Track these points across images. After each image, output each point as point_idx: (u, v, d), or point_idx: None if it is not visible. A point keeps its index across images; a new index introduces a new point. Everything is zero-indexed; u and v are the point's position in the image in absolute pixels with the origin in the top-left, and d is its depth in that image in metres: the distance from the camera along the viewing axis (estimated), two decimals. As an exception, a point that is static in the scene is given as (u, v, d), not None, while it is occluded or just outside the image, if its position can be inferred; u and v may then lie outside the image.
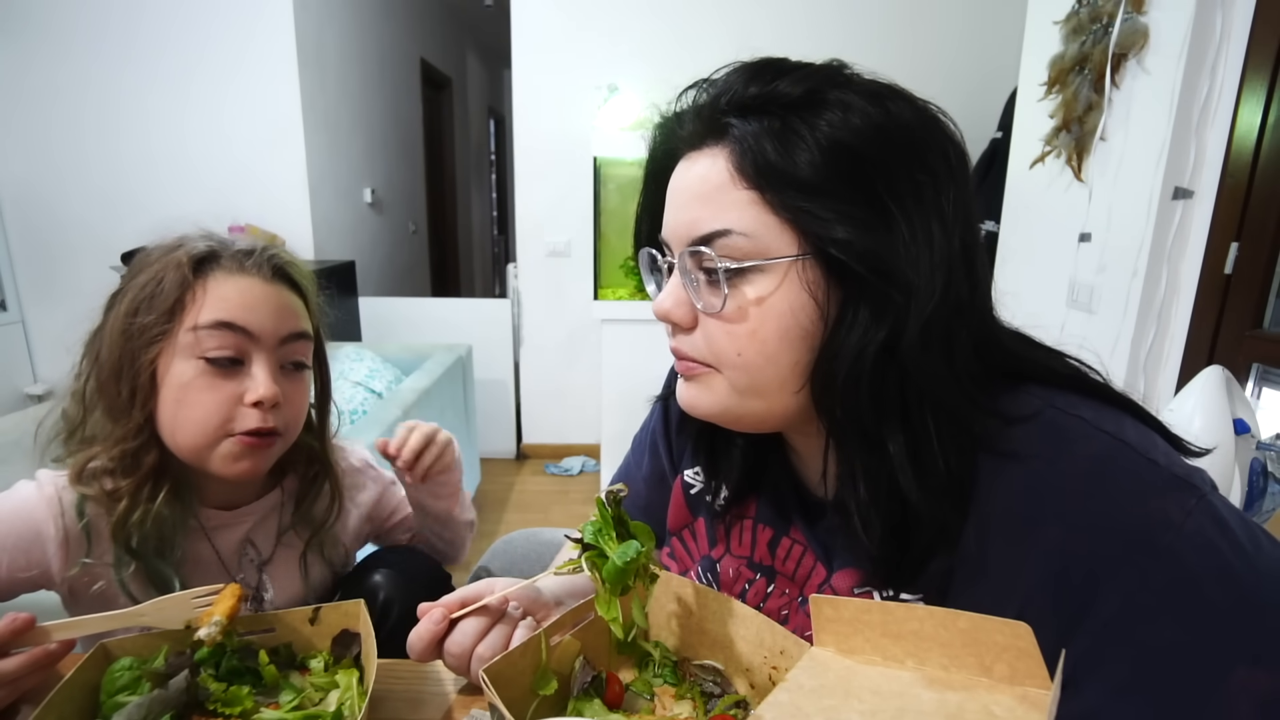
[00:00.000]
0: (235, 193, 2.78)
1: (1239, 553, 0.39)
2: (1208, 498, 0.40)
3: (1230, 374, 1.15)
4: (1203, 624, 0.39)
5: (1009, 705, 0.38)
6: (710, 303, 0.47)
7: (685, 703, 0.54)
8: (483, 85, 6.26)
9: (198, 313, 0.63)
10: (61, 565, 0.64)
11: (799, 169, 0.43)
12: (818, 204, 0.43)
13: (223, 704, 0.52)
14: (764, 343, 0.46)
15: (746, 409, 0.49)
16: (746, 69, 0.48)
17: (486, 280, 6.85)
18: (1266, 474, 1.11)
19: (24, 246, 2.78)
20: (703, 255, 0.47)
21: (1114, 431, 0.43)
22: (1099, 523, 0.41)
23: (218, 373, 0.63)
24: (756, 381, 0.47)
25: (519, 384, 3.18)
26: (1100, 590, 0.40)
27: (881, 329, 0.44)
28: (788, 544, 0.58)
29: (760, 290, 0.45)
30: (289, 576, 0.76)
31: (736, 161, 0.45)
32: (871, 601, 0.46)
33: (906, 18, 2.74)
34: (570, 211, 2.95)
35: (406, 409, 1.77)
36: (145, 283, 0.64)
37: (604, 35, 2.81)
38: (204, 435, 0.64)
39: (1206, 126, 1.42)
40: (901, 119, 0.45)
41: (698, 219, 0.47)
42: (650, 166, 0.55)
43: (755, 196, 0.45)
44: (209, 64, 2.68)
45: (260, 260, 0.67)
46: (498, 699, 0.44)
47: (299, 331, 0.69)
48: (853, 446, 0.47)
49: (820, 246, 0.44)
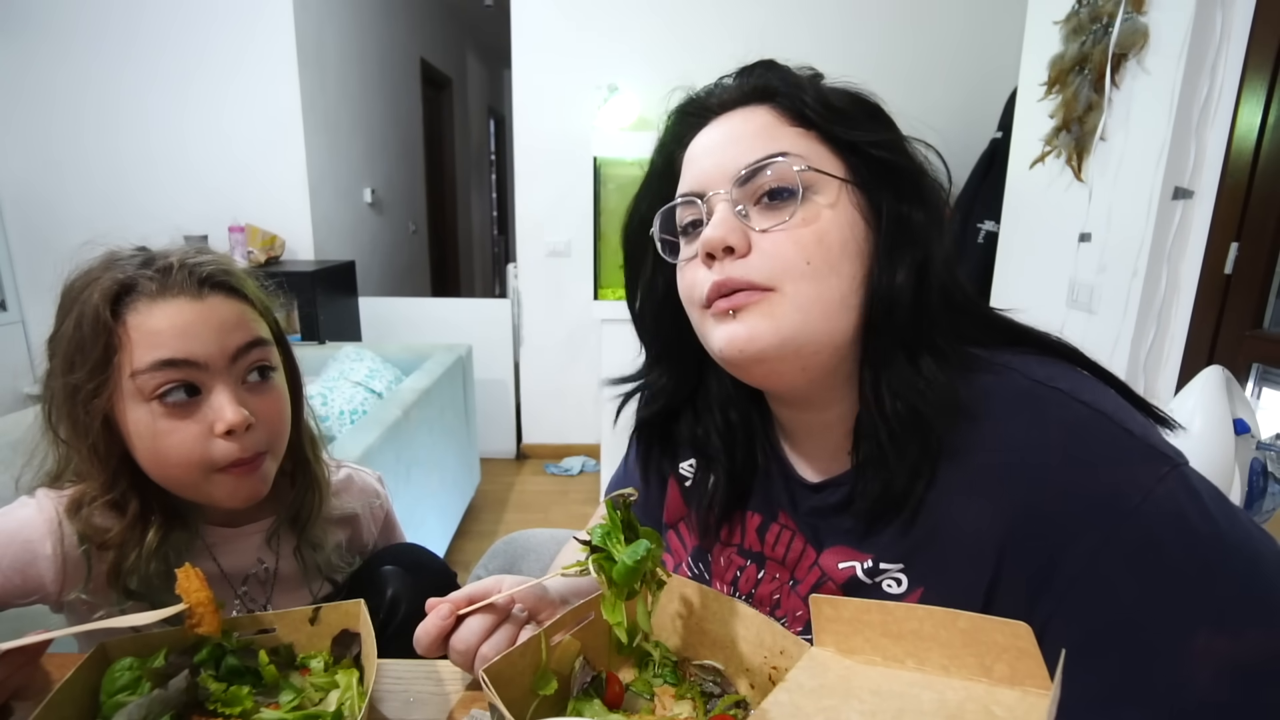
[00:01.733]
0: (235, 193, 2.78)
1: (1207, 520, 0.39)
2: (1181, 468, 0.41)
3: (1230, 374, 1.16)
4: (1165, 588, 0.39)
5: (1009, 705, 0.38)
6: (775, 218, 0.48)
7: (685, 703, 0.54)
8: (483, 85, 6.26)
9: (131, 357, 0.57)
10: (58, 588, 0.61)
11: (839, 107, 0.50)
12: (860, 131, 0.50)
13: (223, 704, 0.52)
14: (829, 249, 0.48)
15: (811, 332, 0.48)
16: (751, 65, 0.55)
17: (486, 280, 6.85)
18: (1266, 474, 1.11)
19: (24, 246, 2.78)
20: (768, 169, 0.48)
21: (1090, 401, 0.44)
22: (1070, 486, 0.42)
23: (175, 411, 0.58)
24: (823, 294, 0.48)
25: (519, 384, 3.18)
26: (1067, 551, 0.41)
27: (919, 249, 0.48)
28: (776, 529, 0.58)
29: (823, 201, 0.48)
30: (293, 595, 0.74)
31: (783, 107, 0.51)
32: (871, 601, 0.46)
33: (907, 18, 2.74)
34: (570, 211, 2.95)
35: (406, 409, 1.77)
36: (70, 331, 0.58)
37: (604, 35, 2.81)
38: (189, 475, 0.60)
39: (1206, 126, 1.42)
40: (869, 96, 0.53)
41: (748, 150, 0.49)
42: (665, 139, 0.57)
43: (803, 132, 0.50)
44: (209, 64, 2.68)
45: (183, 276, 0.60)
46: (498, 699, 0.44)
47: (249, 341, 0.62)
48: (893, 365, 0.48)
49: (865, 172, 0.50)
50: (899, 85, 3.35)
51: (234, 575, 0.70)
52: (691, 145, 0.54)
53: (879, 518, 0.50)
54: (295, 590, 0.75)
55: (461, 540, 2.38)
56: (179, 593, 0.54)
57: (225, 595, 0.69)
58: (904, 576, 0.50)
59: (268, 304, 0.68)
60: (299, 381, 0.72)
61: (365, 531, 0.83)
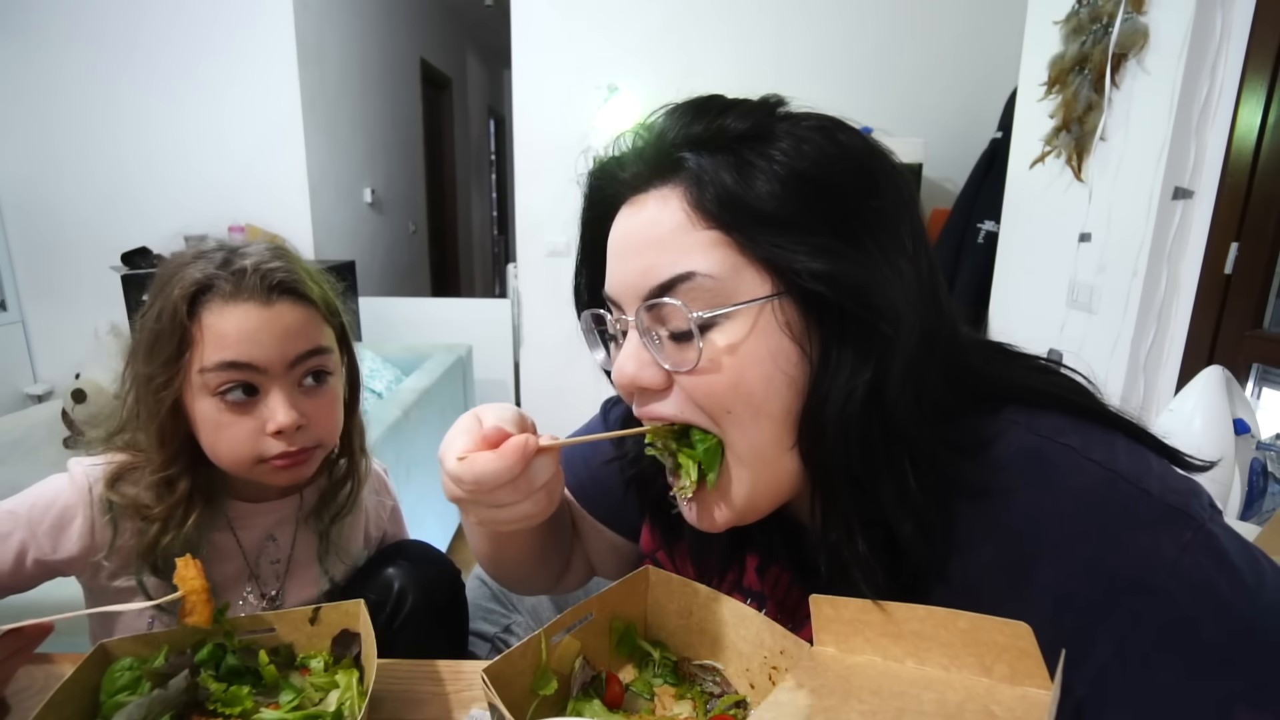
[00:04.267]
0: (235, 193, 2.78)
1: (1238, 588, 0.37)
2: (1206, 527, 0.38)
3: (1230, 374, 1.16)
4: (1201, 666, 0.37)
5: (1009, 705, 0.38)
6: (681, 359, 0.43)
7: (685, 703, 0.54)
8: (483, 85, 6.26)
9: (201, 354, 0.63)
10: (85, 551, 0.66)
11: (763, 201, 0.41)
12: (788, 238, 0.41)
13: (223, 704, 0.52)
14: (749, 394, 0.42)
15: (763, 489, 0.45)
16: (686, 108, 0.45)
17: (486, 280, 6.85)
18: (1266, 474, 1.11)
19: (24, 246, 2.78)
20: (665, 306, 0.43)
21: (1103, 460, 0.41)
22: (1091, 564, 0.39)
23: (235, 408, 0.64)
24: (755, 442, 0.43)
25: (519, 384, 3.18)
26: (1096, 634, 0.39)
27: (868, 368, 0.41)
28: (776, 571, 0.57)
29: (733, 337, 0.42)
30: (308, 576, 0.77)
31: (694, 198, 0.42)
32: (871, 602, 0.46)
33: (907, 18, 2.74)
34: (570, 211, 2.91)
35: (406, 409, 1.77)
36: (153, 319, 0.64)
37: (604, 35, 2.81)
38: (240, 464, 0.66)
39: (1206, 126, 1.42)
40: (851, 148, 0.43)
41: (653, 266, 0.43)
42: (587, 216, 0.51)
43: (718, 236, 0.42)
44: (209, 64, 2.68)
45: (255, 281, 0.64)
46: (498, 699, 0.44)
47: (309, 350, 0.67)
48: (843, 498, 0.44)
49: (796, 282, 0.41)
50: (899, 85, 3.31)
51: (250, 550, 0.74)
52: (613, 226, 0.48)
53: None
54: (308, 572, 0.77)
55: (461, 540, 2.38)
56: (176, 581, 0.54)
57: (239, 571, 0.73)
58: None
59: (335, 306, 0.72)
60: (357, 379, 0.78)
61: (374, 522, 0.86)
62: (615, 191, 0.48)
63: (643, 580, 0.59)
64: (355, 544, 0.81)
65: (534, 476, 0.45)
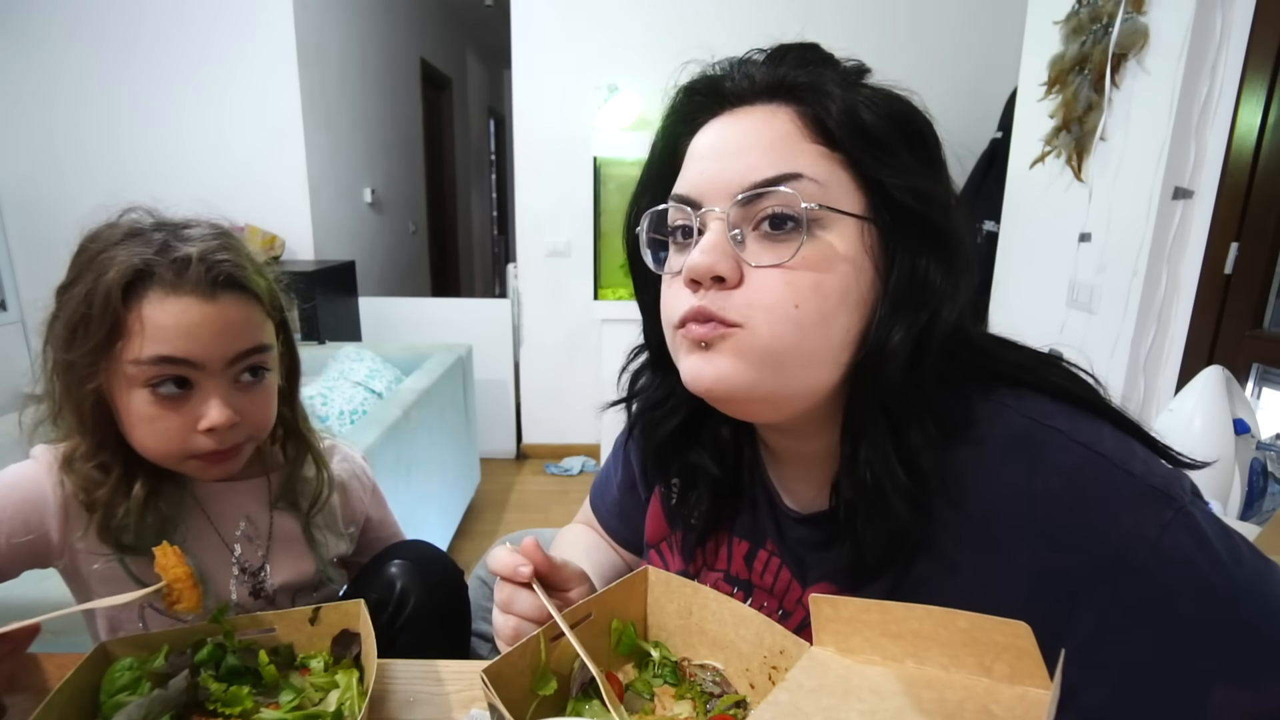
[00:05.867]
0: (235, 193, 2.78)
1: (1217, 567, 0.38)
2: (1186, 509, 0.39)
3: (1230, 374, 1.16)
4: (1179, 642, 0.38)
5: (1009, 705, 0.38)
6: (771, 253, 0.43)
7: (685, 703, 0.54)
8: (483, 85, 6.26)
9: (134, 345, 0.59)
10: (61, 533, 0.64)
11: (868, 125, 0.43)
12: (890, 161, 0.43)
13: (223, 704, 0.52)
14: (825, 298, 0.43)
15: (784, 380, 0.44)
16: (788, 47, 0.49)
17: (486, 280, 6.85)
18: (1266, 474, 1.11)
19: (24, 246, 2.78)
20: (770, 196, 0.43)
21: (1089, 442, 0.42)
22: (1073, 540, 0.40)
23: (166, 401, 0.60)
24: (807, 344, 0.43)
25: (519, 384, 3.18)
26: (1076, 609, 0.40)
27: (927, 309, 0.43)
28: (764, 556, 0.57)
29: (830, 240, 0.43)
30: (291, 555, 0.75)
31: (804, 114, 0.44)
32: (871, 601, 0.46)
33: (907, 18, 2.74)
34: (570, 211, 2.95)
35: (406, 409, 1.77)
36: (79, 300, 0.59)
37: (604, 35, 2.81)
38: (167, 458, 0.63)
39: (1206, 126, 1.42)
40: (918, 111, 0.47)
41: (757, 164, 0.43)
42: (670, 125, 0.51)
43: (825, 151, 0.44)
44: (209, 64, 2.67)
45: (199, 273, 0.60)
46: (497, 699, 0.44)
47: (250, 348, 0.64)
48: (872, 434, 0.44)
49: (887, 208, 0.44)
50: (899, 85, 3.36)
51: (226, 532, 0.72)
52: (698, 136, 0.48)
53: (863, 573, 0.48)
54: (296, 551, 0.75)
55: (462, 540, 2.38)
56: (157, 570, 0.54)
57: (220, 552, 0.71)
58: None
59: (277, 298, 0.70)
60: (297, 366, 0.75)
61: (355, 499, 0.84)
62: (712, 101, 0.48)
63: (642, 580, 0.59)
64: (335, 520, 0.80)
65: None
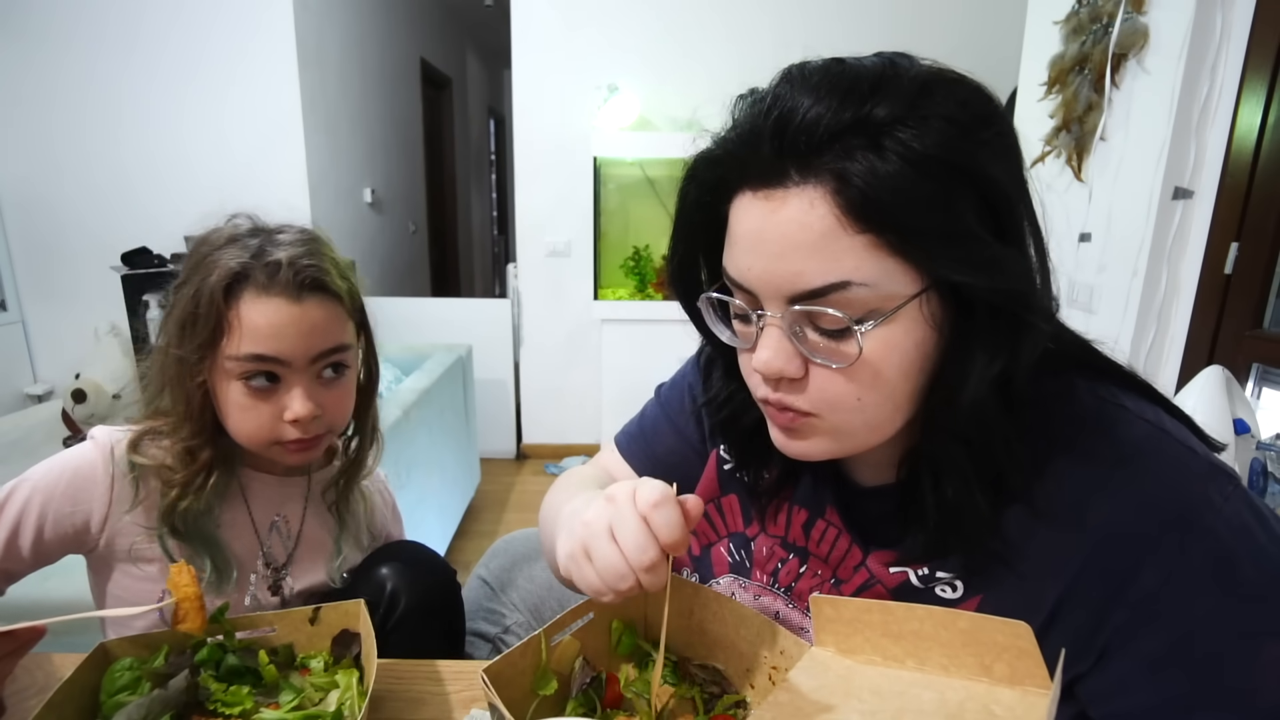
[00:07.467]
0: (235, 193, 2.75)
1: (1273, 537, 0.42)
2: (1242, 486, 0.43)
3: (1230, 374, 1.15)
4: (1238, 601, 0.41)
5: (1009, 705, 0.38)
6: (830, 353, 0.44)
7: (685, 703, 0.54)
8: (483, 85, 6.26)
9: (232, 342, 0.66)
10: (104, 508, 0.69)
11: (915, 202, 0.39)
12: (940, 237, 0.40)
13: (223, 704, 0.52)
14: (885, 382, 0.44)
15: (858, 443, 0.48)
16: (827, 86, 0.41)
17: (486, 280, 6.84)
18: (1266, 474, 1.11)
19: (24, 246, 2.78)
20: (818, 312, 0.42)
21: (1154, 420, 0.45)
22: (1143, 501, 0.43)
23: (257, 393, 0.68)
24: (872, 419, 0.46)
25: (519, 384, 3.18)
26: (1142, 565, 0.42)
27: (1004, 354, 0.43)
28: (823, 526, 0.57)
29: (885, 336, 0.42)
30: (314, 558, 0.79)
31: (844, 203, 0.40)
32: (872, 601, 0.46)
33: (907, 18, 2.74)
34: (570, 211, 2.95)
35: (406, 409, 1.77)
36: (187, 300, 0.67)
37: (604, 35, 2.81)
38: (256, 443, 0.70)
39: (1206, 126, 1.42)
40: (988, 118, 0.42)
41: (802, 272, 0.42)
42: (695, 196, 0.49)
43: (871, 240, 0.40)
44: (209, 64, 2.67)
45: (288, 276, 0.67)
46: (498, 699, 0.44)
47: (332, 347, 0.70)
48: (946, 451, 0.46)
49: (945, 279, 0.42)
50: (899, 85, 3.28)
51: (261, 523, 0.77)
52: (738, 209, 0.45)
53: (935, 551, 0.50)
54: (320, 554, 0.80)
55: (461, 540, 2.38)
56: (169, 587, 0.54)
57: (250, 543, 0.76)
58: (960, 584, 0.49)
59: (358, 299, 0.77)
60: (375, 366, 0.82)
61: (379, 515, 0.88)
62: (738, 178, 0.45)
63: (643, 580, 0.58)
64: (362, 529, 0.83)
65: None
